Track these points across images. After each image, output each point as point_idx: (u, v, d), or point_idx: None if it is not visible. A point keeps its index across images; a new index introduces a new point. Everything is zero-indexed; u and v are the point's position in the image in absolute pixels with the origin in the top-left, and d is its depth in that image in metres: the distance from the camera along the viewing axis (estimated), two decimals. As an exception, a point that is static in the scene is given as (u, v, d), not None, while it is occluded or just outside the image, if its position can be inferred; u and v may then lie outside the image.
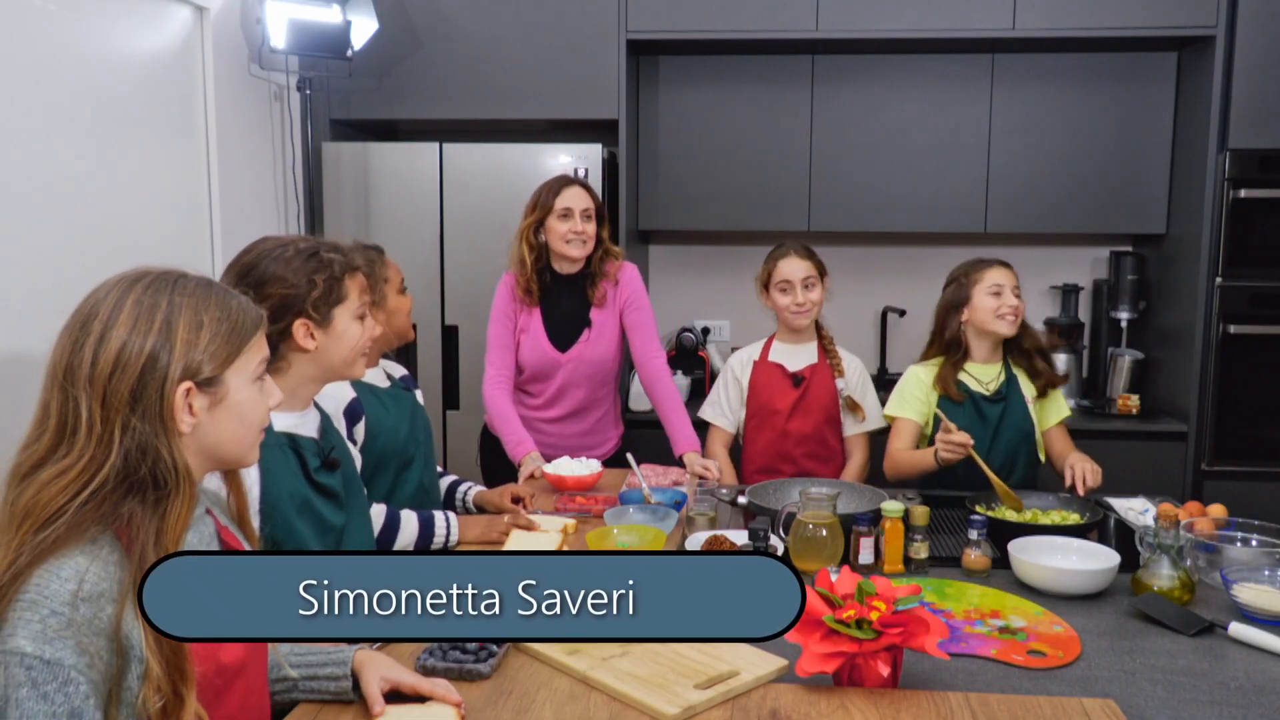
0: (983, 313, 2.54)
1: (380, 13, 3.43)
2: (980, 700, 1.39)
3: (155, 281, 1.16)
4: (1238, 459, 3.40)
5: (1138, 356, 3.66)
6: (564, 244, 2.72)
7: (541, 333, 2.80)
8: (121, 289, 1.14)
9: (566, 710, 1.38)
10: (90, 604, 1.03)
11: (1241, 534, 2.05)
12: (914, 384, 2.61)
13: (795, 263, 2.73)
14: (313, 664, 1.39)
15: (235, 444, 1.21)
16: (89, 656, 1.02)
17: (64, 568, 1.04)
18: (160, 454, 1.10)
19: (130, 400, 1.09)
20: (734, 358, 2.89)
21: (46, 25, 2.44)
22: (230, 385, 1.18)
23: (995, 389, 2.58)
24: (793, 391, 2.76)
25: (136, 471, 1.09)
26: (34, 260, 2.37)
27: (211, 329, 1.16)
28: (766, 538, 1.91)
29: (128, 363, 1.10)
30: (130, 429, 1.09)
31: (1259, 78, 3.27)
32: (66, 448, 1.09)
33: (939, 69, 3.64)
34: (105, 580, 1.05)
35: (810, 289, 2.73)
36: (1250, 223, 3.31)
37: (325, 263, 1.67)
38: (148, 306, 1.13)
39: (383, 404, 2.18)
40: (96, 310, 1.12)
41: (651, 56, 3.71)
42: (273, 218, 3.52)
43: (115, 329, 1.11)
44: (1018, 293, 2.55)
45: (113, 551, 1.08)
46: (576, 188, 2.75)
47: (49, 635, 1.01)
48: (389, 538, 2.05)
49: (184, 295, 1.16)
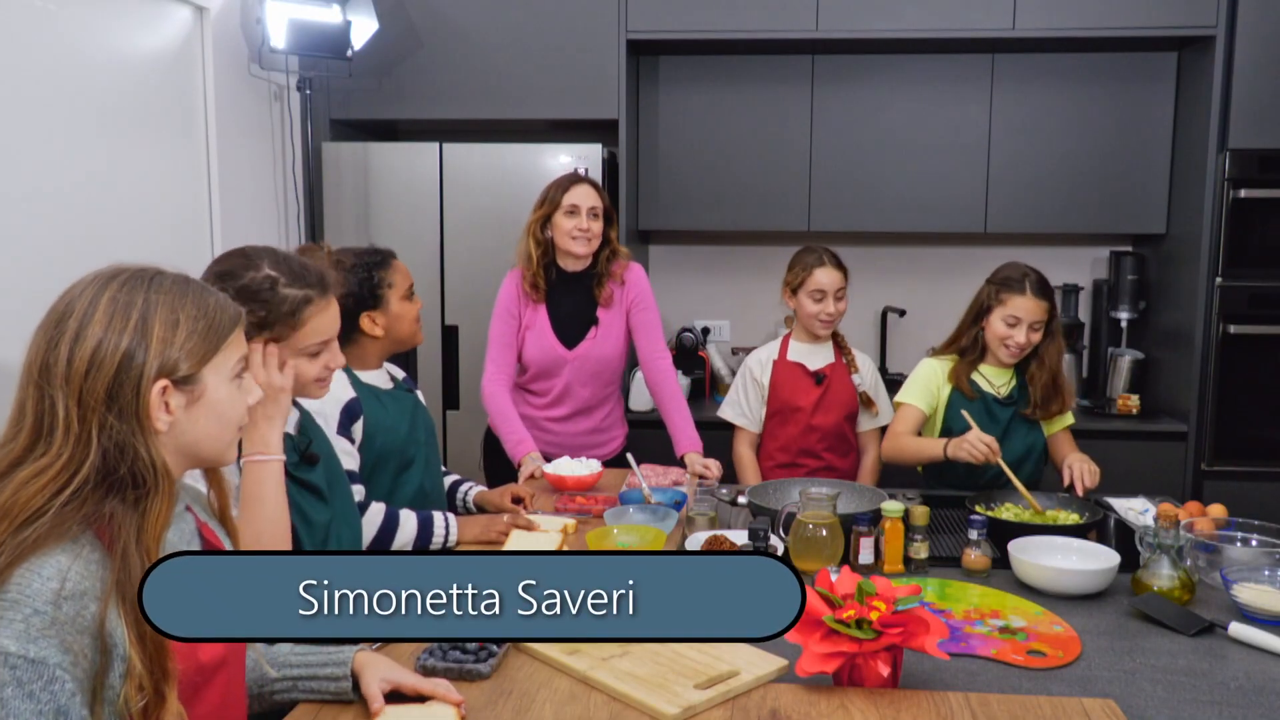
0: (993, 335, 2.54)
1: (380, 13, 3.43)
2: (980, 700, 1.39)
3: (131, 279, 1.15)
4: (1238, 459, 3.40)
5: (1138, 356, 3.66)
6: (569, 240, 2.72)
7: (548, 329, 2.80)
8: (97, 287, 1.13)
9: (566, 710, 1.38)
10: (73, 602, 1.03)
11: (1241, 534, 2.05)
12: (928, 374, 2.61)
13: (831, 274, 2.76)
14: (312, 664, 1.39)
15: (213, 442, 1.21)
16: (73, 655, 1.02)
17: (45, 566, 1.03)
18: (138, 452, 1.10)
19: (106, 399, 1.09)
20: (751, 358, 2.92)
21: (46, 25, 2.44)
22: (208, 383, 1.17)
23: (1007, 393, 2.58)
24: (815, 389, 2.80)
25: (116, 470, 1.09)
26: (34, 260, 2.37)
27: (188, 326, 1.15)
28: (766, 538, 1.91)
29: (103, 361, 1.09)
30: (107, 427, 1.09)
31: (1259, 78, 3.27)
32: (44, 447, 1.08)
33: (939, 69, 3.64)
34: (88, 579, 1.05)
35: (840, 300, 2.78)
36: (1250, 223, 3.32)
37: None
38: (123, 304, 1.12)
39: (382, 404, 2.18)
40: (72, 308, 1.11)
41: (651, 56, 3.71)
42: (273, 218, 3.52)
43: (90, 327, 1.10)
44: (1038, 327, 2.50)
45: (94, 550, 1.07)
46: (585, 185, 2.76)
47: (32, 634, 1.00)
48: (388, 537, 2.04)
49: (160, 293, 1.15)
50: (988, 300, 2.56)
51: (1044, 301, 2.50)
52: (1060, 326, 2.60)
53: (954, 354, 2.63)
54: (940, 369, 2.61)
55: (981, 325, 2.57)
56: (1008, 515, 2.26)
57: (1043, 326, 2.51)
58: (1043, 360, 2.55)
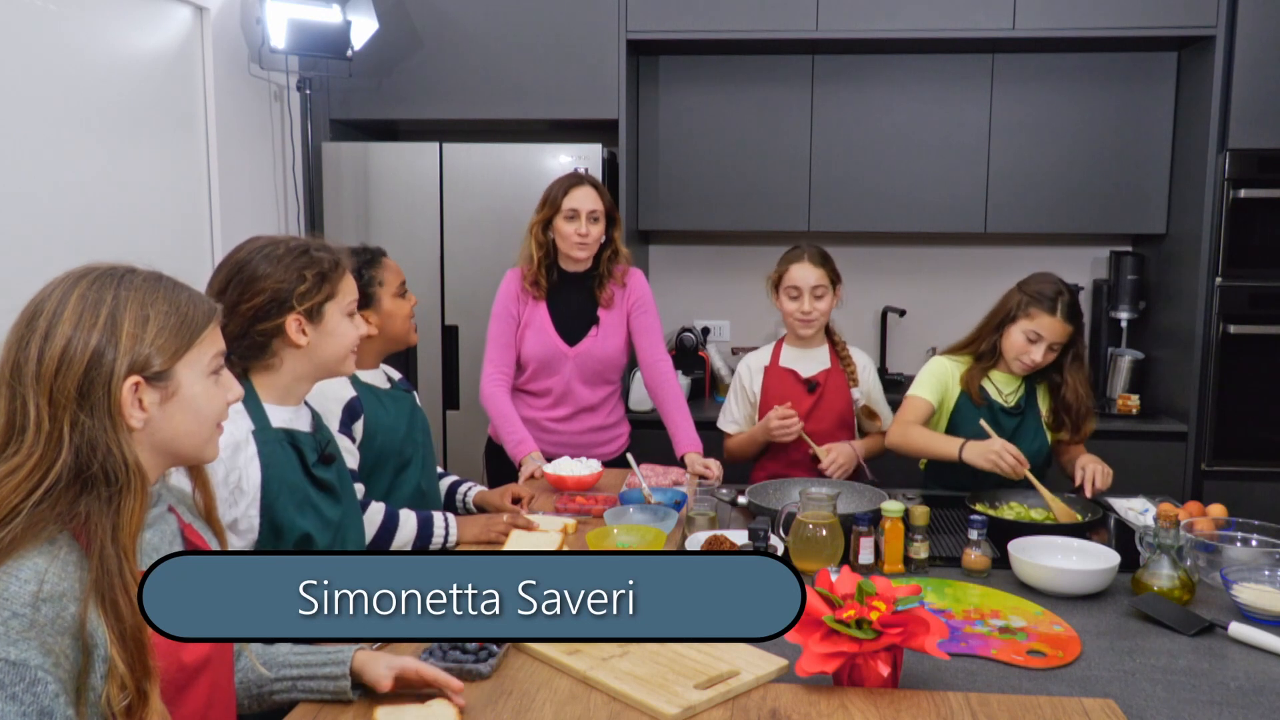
0: (1010, 344, 2.47)
1: (380, 13, 3.43)
2: (980, 700, 1.39)
3: (101, 277, 1.15)
4: (1238, 459, 3.40)
5: (1138, 356, 3.66)
6: (568, 245, 2.72)
7: (549, 325, 2.78)
8: (66, 285, 1.13)
9: (566, 710, 1.38)
10: (52, 604, 1.03)
11: (1241, 534, 2.05)
12: (941, 372, 2.55)
13: (807, 270, 2.65)
14: (312, 664, 1.39)
15: (190, 439, 1.20)
16: (54, 656, 1.02)
17: (23, 569, 1.03)
18: (110, 450, 1.09)
19: (77, 396, 1.09)
20: (742, 365, 2.83)
21: (46, 25, 2.44)
22: (181, 379, 1.17)
23: (1014, 402, 2.53)
24: (807, 398, 2.69)
25: (88, 468, 1.08)
26: (33, 260, 2.37)
27: (159, 322, 1.15)
28: (766, 538, 1.91)
29: (73, 359, 1.09)
30: (79, 425, 1.08)
31: (1259, 78, 3.27)
32: (15, 446, 1.08)
33: (939, 69, 3.64)
34: (66, 580, 1.05)
35: (820, 298, 2.66)
36: (1250, 223, 3.32)
37: (314, 259, 1.69)
38: (92, 302, 1.12)
39: (382, 404, 2.18)
40: (42, 307, 1.12)
41: (651, 56, 3.72)
42: (273, 218, 3.52)
43: (60, 325, 1.10)
44: (1056, 348, 2.43)
45: (71, 551, 1.07)
46: (586, 188, 2.73)
47: (12, 637, 1.00)
48: (387, 536, 2.04)
49: (130, 290, 1.14)
50: (1015, 310, 2.45)
51: (1071, 325, 2.42)
52: (1085, 349, 2.52)
53: (969, 355, 2.56)
54: (954, 370, 2.55)
55: (1002, 332, 2.48)
56: (1010, 515, 2.25)
57: (1060, 347, 2.44)
58: (1075, 388, 2.47)
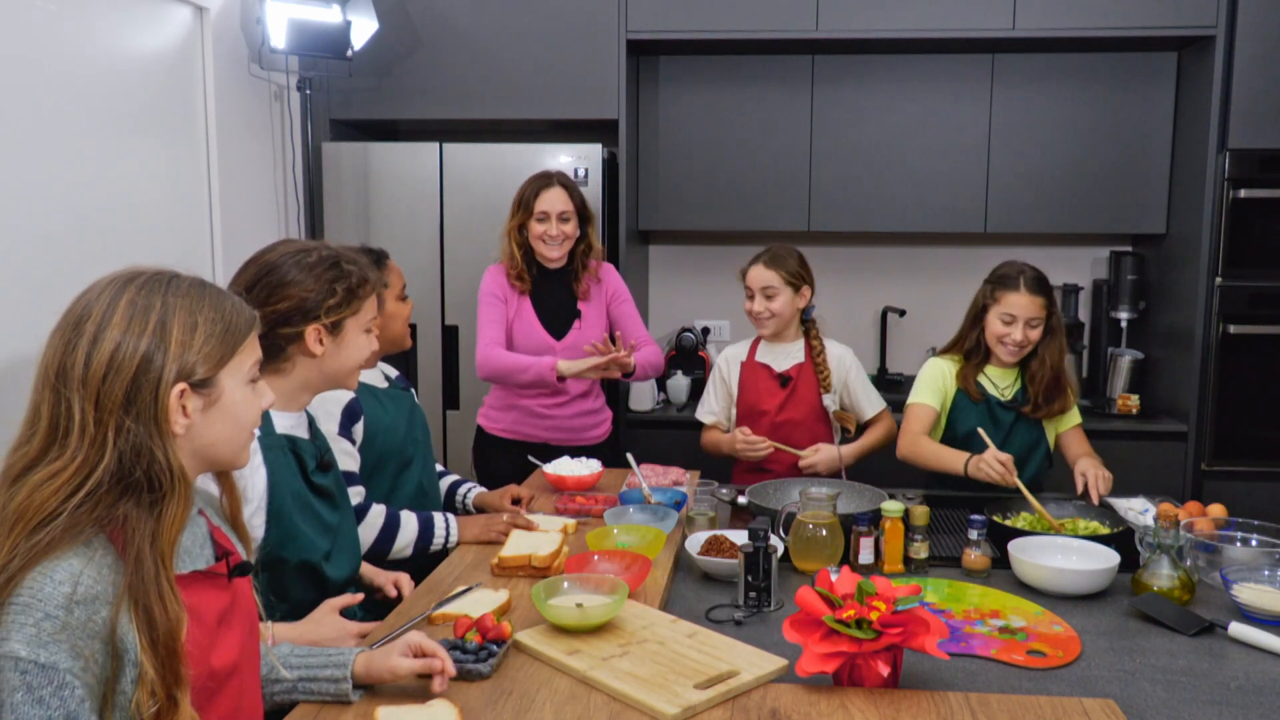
0: (991, 334, 2.52)
1: (380, 13, 3.43)
2: (980, 700, 1.39)
3: (149, 282, 1.14)
4: (1238, 459, 3.40)
5: (1138, 356, 3.66)
6: (541, 245, 2.85)
7: (534, 320, 2.90)
8: (115, 289, 1.13)
9: (566, 710, 1.38)
10: (85, 607, 1.03)
11: (1241, 534, 2.05)
12: (937, 374, 2.58)
13: (758, 271, 2.74)
14: (312, 665, 1.39)
15: (228, 445, 1.21)
16: (84, 660, 1.02)
17: (58, 570, 1.03)
18: (155, 455, 1.09)
19: (124, 402, 1.08)
20: (721, 357, 2.90)
21: (46, 25, 2.44)
22: (224, 386, 1.17)
23: (1011, 395, 2.55)
24: (780, 391, 2.77)
25: (131, 473, 1.08)
26: (33, 260, 2.37)
27: (206, 330, 1.15)
28: (766, 538, 1.91)
29: (122, 364, 1.09)
30: (124, 430, 1.08)
31: (1259, 78, 3.27)
32: (59, 450, 1.08)
33: (939, 69, 3.64)
34: (100, 583, 1.05)
35: (771, 298, 2.72)
36: (1250, 223, 3.31)
37: (345, 273, 1.71)
38: (142, 307, 1.11)
39: (381, 404, 2.18)
40: (89, 311, 1.11)
41: (651, 56, 3.71)
42: (273, 218, 3.52)
43: (109, 330, 1.09)
44: (1035, 324, 2.46)
45: (106, 554, 1.07)
46: (555, 189, 2.84)
47: (43, 639, 1.00)
48: (389, 539, 2.05)
49: (178, 296, 1.14)
50: (984, 299, 2.53)
51: (1039, 298, 2.47)
52: (1061, 323, 2.56)
53: (959, 355, 2.60)
54: (948, 369, 2.58)
55: (981, 325, 2.54)
56: (1023, 525, 2.22)
57: (1041, 324, 2.48)
58: (1043, 358, 2.52)
